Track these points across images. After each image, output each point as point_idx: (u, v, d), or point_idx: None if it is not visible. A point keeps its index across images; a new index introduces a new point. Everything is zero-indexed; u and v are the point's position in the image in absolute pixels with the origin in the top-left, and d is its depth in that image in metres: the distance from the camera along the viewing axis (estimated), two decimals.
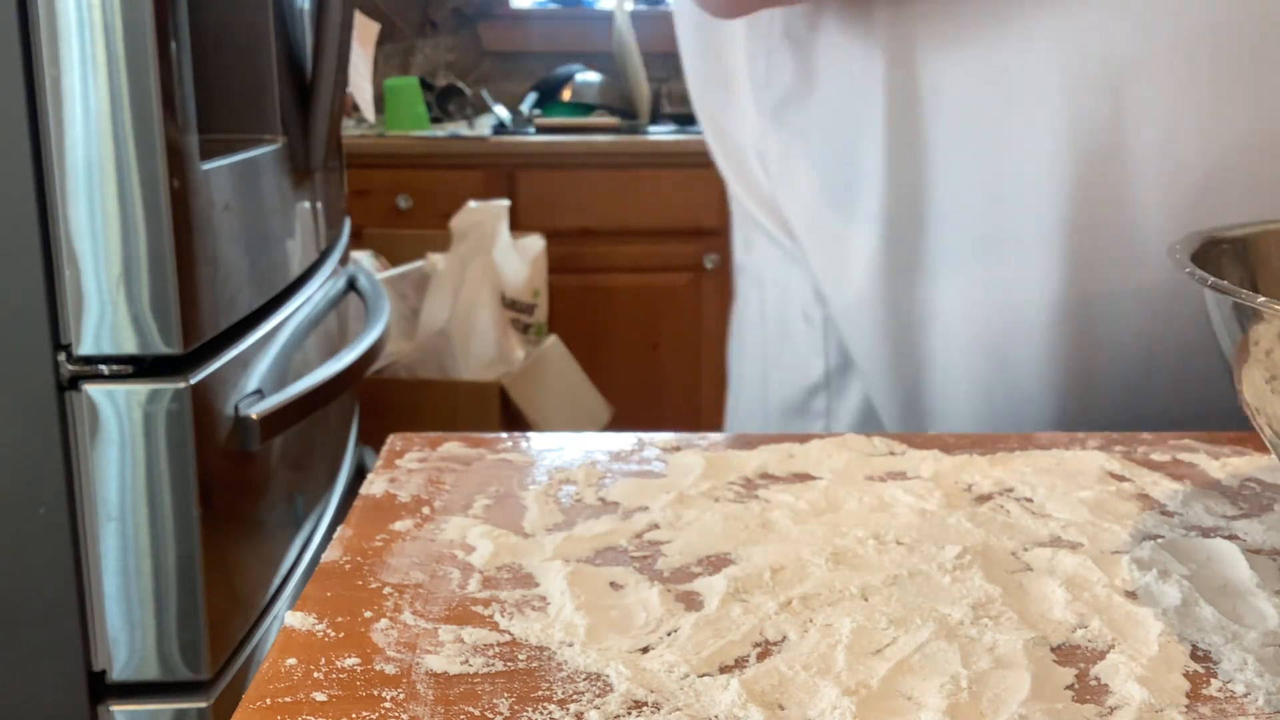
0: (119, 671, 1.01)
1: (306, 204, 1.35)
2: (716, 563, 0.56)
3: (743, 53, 0.89)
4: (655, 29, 3.01)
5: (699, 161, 2.58)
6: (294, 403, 1.15)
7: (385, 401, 2.09)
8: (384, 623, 0.50)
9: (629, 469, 0.68)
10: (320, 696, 0.45)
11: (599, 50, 2.93)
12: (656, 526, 0.60)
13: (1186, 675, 0.46)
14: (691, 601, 0.52)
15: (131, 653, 1.01)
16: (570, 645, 0.48)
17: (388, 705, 0.44)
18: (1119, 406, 0.80)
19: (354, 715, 0.44)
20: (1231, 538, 0.58)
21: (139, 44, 0.93)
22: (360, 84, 2.12)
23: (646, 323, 2.66)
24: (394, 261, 2.34)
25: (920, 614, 0.50)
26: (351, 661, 0.47)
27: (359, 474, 1.58)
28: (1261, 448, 0.71)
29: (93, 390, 0.97)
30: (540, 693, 0.45)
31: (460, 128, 2.71)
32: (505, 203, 2.29)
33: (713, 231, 2.60)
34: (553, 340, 2.38)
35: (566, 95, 2.87)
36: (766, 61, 0.86)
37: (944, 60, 0.77)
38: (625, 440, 0.72)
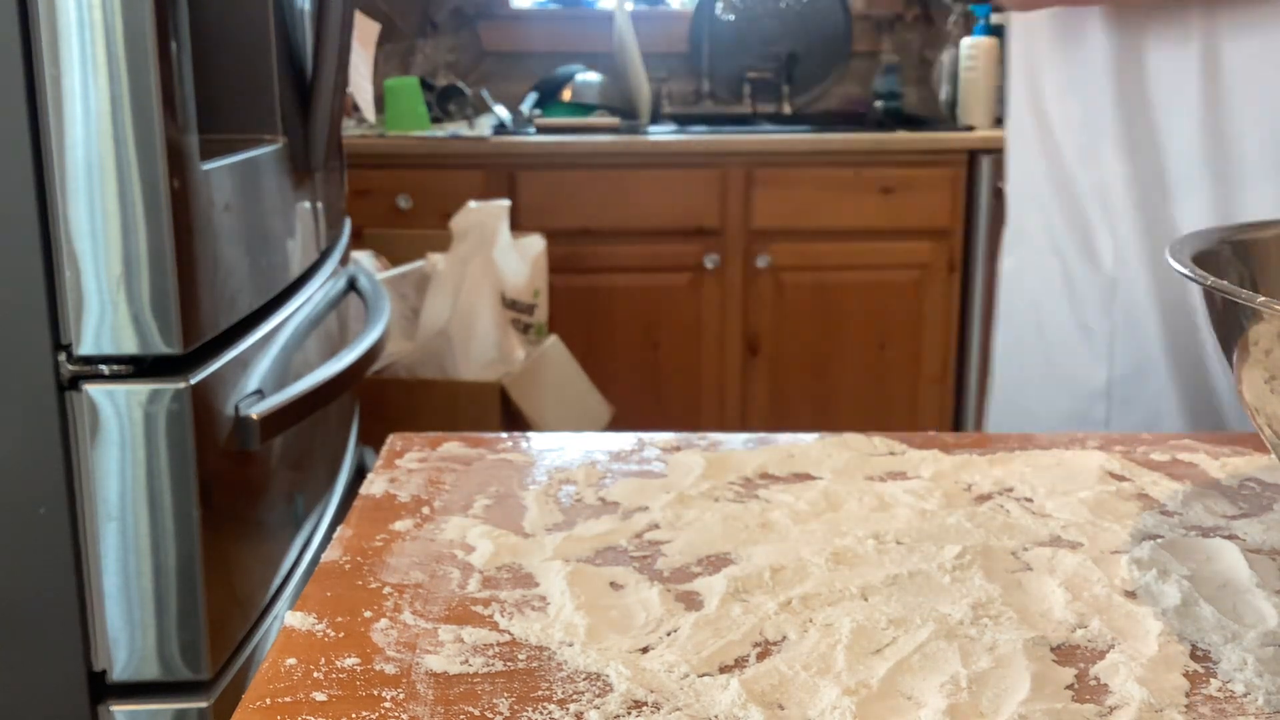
0: (119, 671, 1.01)
1: (307, 204, 1.35)
2: (716, 563, 0.56)
3: (1054, 66, 0.93)
4: (655, 29, 3.01)
5: (699, 161, 2.59)
6: (294, 403, 1.15)
7: (385, 401, 2.09)
8: (384, 623, 0.50)
9: (629, 469, 0.68)
10: (320, 696, 0.45)
11: (599, 50, 2.93)
12: (656, 526, 0.60)
13: (1186, 675, 0.46)
14: (691, 601, 0.52)
15: (131, 653, 1.01)
16: (570, 645, 0.48)
17: (388, 705, 0.44)
18: None
19: (354, 715, 0.44)
20: (1231, 538, 0.58)
21: (139, 44, 0.93)
22: (360, 84, 2.11)
23: (646, 323, 2.66)
24: (394, 261, 2.34)
25: (920, 614, 0.50)
26: (351, 661, 0.47)
27: (359, 474, 1.58)
28: (1261, 448, 0.71)
29: (93, 390, 0.97)
30: (540, 693, 0.45)
31: (460, 128, 2.71)
32: (505, 203, 2.28)
33: (713, 231, 2.60)
34: (553, 340, 2.38)
35: (567, 95, 2.87)
36: (1077, 68, 0.90)
37: (1250, 53, 0.82)
38: (625, 440, 0.72)
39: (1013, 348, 1.05)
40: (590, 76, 2.87)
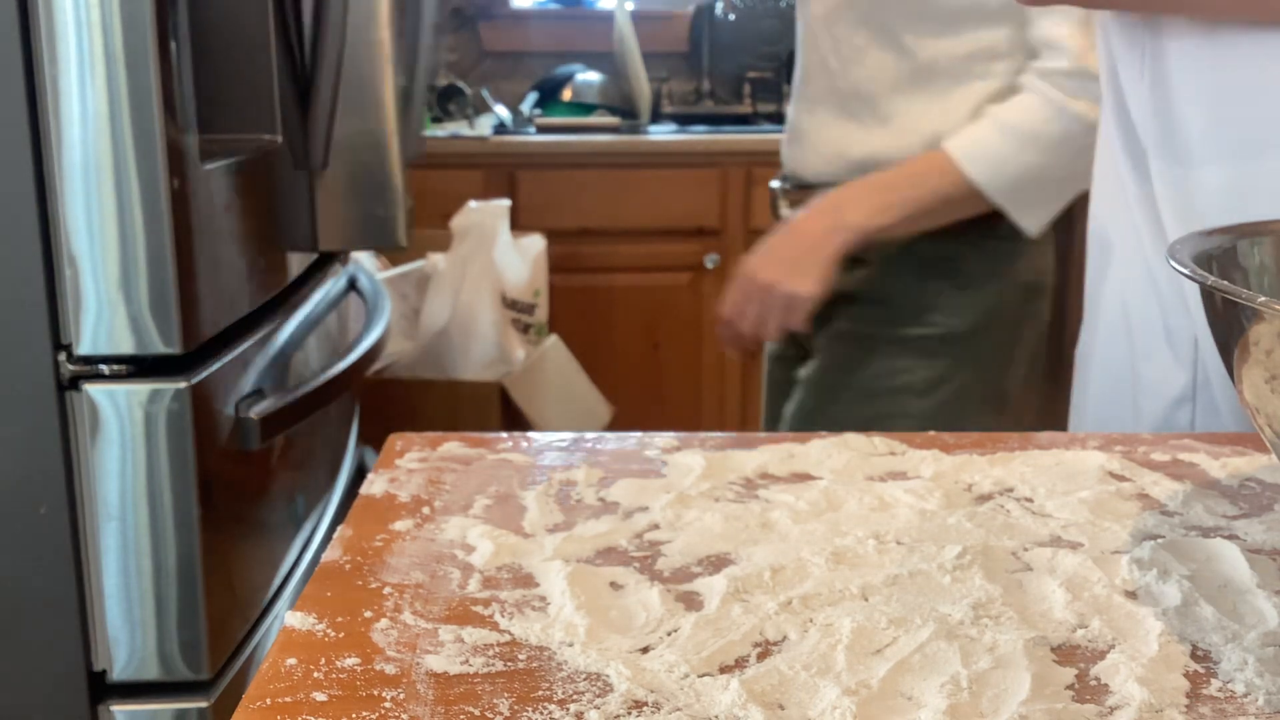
0: (119, 671, 1.01)
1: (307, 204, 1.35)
2: (717, 563, 0.56)
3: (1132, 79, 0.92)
4: (655, 29, 3.01)
5: (699, 161, 2.59)
6: (294, 403, 1.15)
7: (385, 401, 2.09)
8: (384, 623, 0.50)
9: (629, 469, 0.68)
10: (320, 696, 0.45)
11: (599, 50, 2.93)
12: (657, 526, 0.60)
13: (1186, 675, 0.46)
14: (691, 601, 0.52)
15: (132, 653, 1.01)
16: (570, 645, 0.48)
17: (388, 705, 0.44)
18: None
19: (354, 715, 0.44)
20: (1231, 538, 0.58)
21: (138, 44, 0.93)
22: None
23: (646, 323, 2.66)
24: (394, 261, 2.34)
25: (920, 614, 0.50)
26: (351, 661, 0.47)
27: (359, 474, 1.58)
28: (1261, 448, 0.71)
29: (93, 390, 0.97)
30: (540, 693, 0.45)
31: (461, 127, 2.71)
32: (505, 203, 2.28)
33: (713, 231, 2.60)
34: (553, 340, 2.38)
35: (567, 95, 2.87)
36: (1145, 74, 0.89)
37: None
38: (625, 440, 0.72)
39: (1099, 352, 1.02)
40: (590, 76, 2.87)
